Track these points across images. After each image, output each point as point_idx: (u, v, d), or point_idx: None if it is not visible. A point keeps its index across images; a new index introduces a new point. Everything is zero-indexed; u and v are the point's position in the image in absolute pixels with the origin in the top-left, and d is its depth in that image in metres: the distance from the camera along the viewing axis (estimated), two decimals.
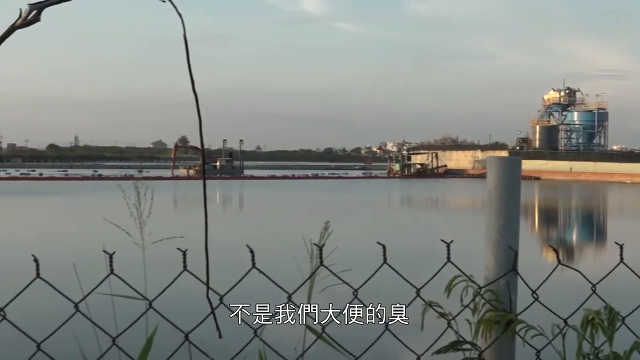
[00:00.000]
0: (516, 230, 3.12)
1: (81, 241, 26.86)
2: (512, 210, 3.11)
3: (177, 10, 2.87)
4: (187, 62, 2.81)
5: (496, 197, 3.11)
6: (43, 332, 2.52)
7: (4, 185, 78.78)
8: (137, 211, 4.00)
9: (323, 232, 3.33)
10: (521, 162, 3.23)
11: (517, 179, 3.16)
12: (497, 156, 3.25)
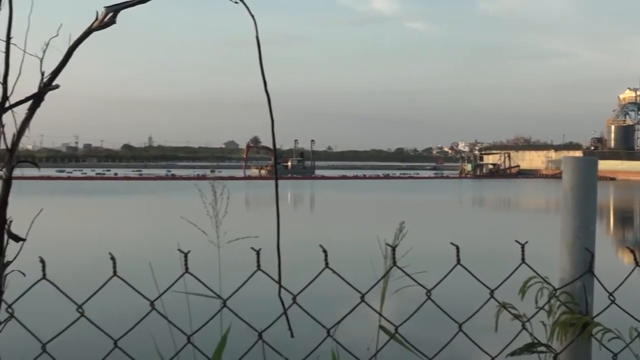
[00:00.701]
0: (592, 231, 3.07)
1: (157, 240, 27.24)
2: (588, 211, 3.06)
3: (249, 11, 2.90)
4: (259, 63, 2.83)
5: (572, 197, 3.07)
6: (120, 330, 2.56)
7: (80, 185, 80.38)
8: (214, 210, 4.04)
9: (397, 232, 3.32)
10: (597, 162, 3.17)
11: (593, 179, 3.11)
12: (573, 156, 3.20)
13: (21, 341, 2.99)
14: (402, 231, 3.32)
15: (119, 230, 33.35)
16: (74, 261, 20.17)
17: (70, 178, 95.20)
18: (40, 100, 3.40)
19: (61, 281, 2.44)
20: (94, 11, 3.52)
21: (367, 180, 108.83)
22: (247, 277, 2.74)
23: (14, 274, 3.24)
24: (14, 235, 3.30)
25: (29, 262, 3.15)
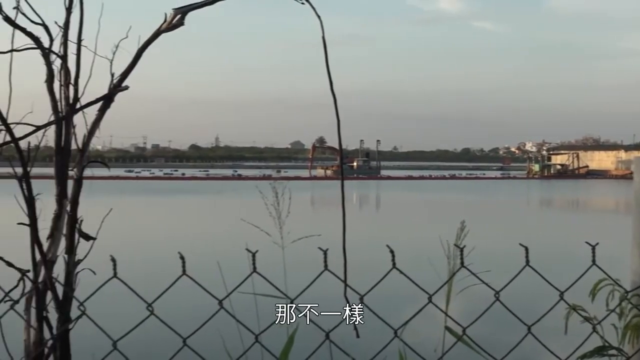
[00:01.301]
0: None
1: (224, 240, 27.43)
2: None
3: (316, 12, 2.90)
4: (325, 64, 2.83)
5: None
6: (189, 328, 2.59)
7: (148, 185, 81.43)
8: (276, 211, 4.05)
9: (459, 232, 3.30)
10: None
11: None
12: None
13: (92, 339, 3.04)
14: (464, 230, 3.30)
15: (187, 230, 33.65)
16: (143, 260, 20.38)
17: (138, 178, 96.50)
18: (110, 101, 3.45)
19: (131, 280, 2.47)
20: (162, 13, 3.56)
21: (432, 181, 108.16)
22: (313, 277, 2.74)
23: (84, 272, 3.30)
24: (84, 234, 3.35)
25: (100, 260, 3.20)
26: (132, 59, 3.47)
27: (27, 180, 3.12)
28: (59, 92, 3.37)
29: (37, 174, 3.20)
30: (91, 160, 3.49)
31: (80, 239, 3.35)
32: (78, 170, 3.40)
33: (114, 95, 3.44)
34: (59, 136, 3.35)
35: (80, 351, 3.41)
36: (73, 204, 3.35)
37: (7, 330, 2.88)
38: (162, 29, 3.53)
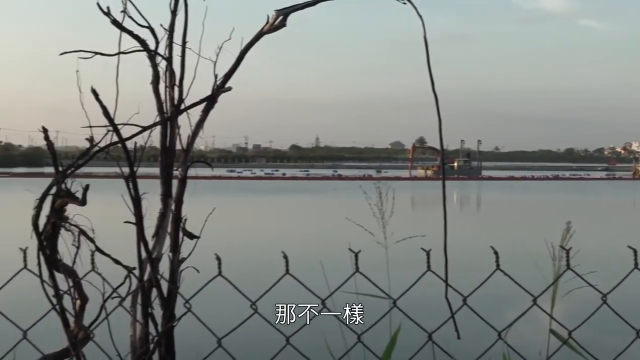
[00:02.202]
0: None
1: (326, 239, 27.50)
2: None
3: (417, 11, 2.88)
4: (427, 63, 2.81)
5: None
6: (291, 327, 2.60)
7: (250, 185, 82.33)
8: (380, 211, 4.03)
9: (564, 233, 3.22)
10: None
11: None
12: None
13: (196, 336, 3.09)
14: (569, 232, 3.22)
15: (290, 229, 33.89)
16: (246, 259, 20.58)
17: (240, 178, 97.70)
18: (213, 102, 3.50)
19: (235, 278, 2.50)
20: (265, 15, 3.59)
21: (535, 181, 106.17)
22: (415, 277, 2.72)
23: (188, 270, 3.35)
24: (188, 233, 3.41)
25: (203, 259, 3.25)
26: (235, 60, 3.51)
27: (134, 180, 3.19)
28: (164, 94, 3.43)
29: (143, 173, 3.27)
30: (195, 160, 3.54)
31: (185, 238, 3.41)
32: (182, 170, 3.45)
33: (217, 96, 3.49)
34: (164, 137, 3.42)
35: (185, 348, 3.47)
36: (177, 203, 3.41)
37: (114, 326, 2.95)
38: (264, 31, 3.56)
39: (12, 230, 16.23)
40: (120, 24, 3.30)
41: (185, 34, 3.45)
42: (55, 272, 3.13)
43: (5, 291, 2.62)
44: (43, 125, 3.18)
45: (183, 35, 3.44)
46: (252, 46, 3.53)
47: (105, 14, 3.28)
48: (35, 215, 3.10)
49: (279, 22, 3.56)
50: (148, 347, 3.17)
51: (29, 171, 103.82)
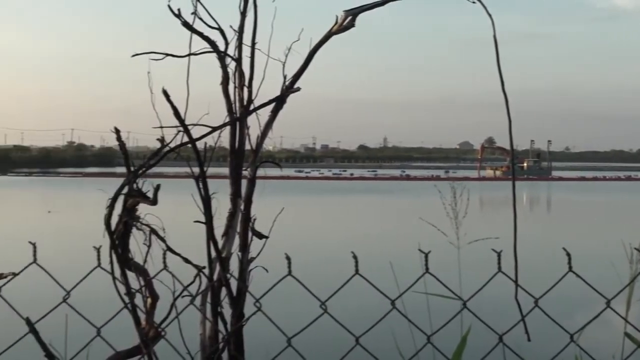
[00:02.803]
0: None
1: (396, 240, 27.43)
2: None
3: (487, 11, 2.85)
4: (497, 63, 2.78)
5: None
6: (361, 327, 2.59)
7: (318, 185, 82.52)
8: (453, 211, 4.00)
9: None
10: None
11: None
12: None
13: (266, 335, 3.10)
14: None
15: (358, 229, 33.85)
16: (315, 259, 20.62)
17: (308, 178, 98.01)
18: (282, 102, 3.51)
19: (304, 278, 2.50)
20: (333, 15, 3.59)
21: (607, 182, 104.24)
22: (486, 278, 2.70)
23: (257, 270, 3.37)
24: (257, 233, 3.42)
25: (272, 258, 3.26)
26: (304, 60, 3.52)
27: (204, 180, 3.21)
28: (233, 94, 3.45)
29: (213, 173, 3.29)
30: (264, 161, 3.55)
31: (254, 237, 3.43)
32: (251, 170, 3.47)
33: (286, 96, 3.50)
34: (233, 137, 3.44)
35: (254, 347, 3.49)
36: (247, 202, 3.43)
37: (184, 324, 2.98)
38: (332, 31, 3.56)
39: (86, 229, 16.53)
40: (191, 25, 3.34)
41: (254, 34, 3.47)
42: (126, 270, 3.17)
43: (80, 289, 2.67)
44: (115, 126, 3.23)
45: (252, 36, 3.46)
46: (320, 46, 3.53)
47: (176, 16, 3.32)
48: (107, 215, 3.15)
49: (348, 23, 3.56)
50: (217, 346, 3.19)
51: (101, 171, 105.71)
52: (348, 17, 3.55)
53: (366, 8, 3.58)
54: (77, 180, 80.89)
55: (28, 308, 2.63)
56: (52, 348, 2.84)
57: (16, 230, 27.19)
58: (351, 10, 3.55)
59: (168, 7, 3.28)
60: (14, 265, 3.04)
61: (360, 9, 3.56)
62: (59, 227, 30.36)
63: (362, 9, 3.56)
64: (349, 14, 3.55)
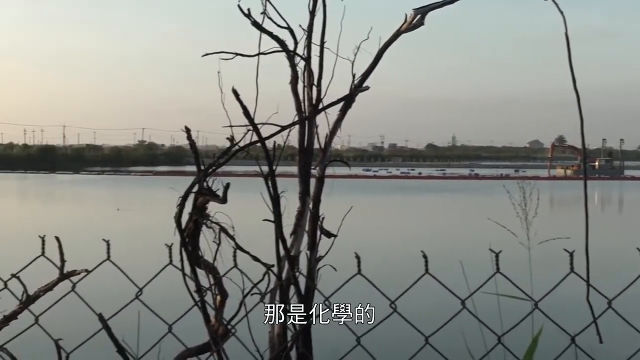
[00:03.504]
0: None
1: (465, 239, 27.18)
2: None
3: (558, 8, 2.80)
4: (568, 60, 2.74)
5: None
6: (431, 326, 2.58)
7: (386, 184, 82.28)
8: (523, 211, 3.95)
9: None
10: None
11: None
12: None
13: (335, 333, 3.10)
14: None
15: (427, 228, 33.64)
16: (384, 258, 20.53)
17: (376, 177, 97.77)
18: (351, 101, 3.51)
19: (373, 277, 2.50)
20: (402, 14, 3.58)
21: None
22: (558, 279, 2.66)
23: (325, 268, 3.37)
24: (326, 231, 3.43)
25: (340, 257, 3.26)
26: (373, 59, 3.51)
27: (273, 179, 3.23)
28: (302, 93, 3.46)
29: (282, 172, 3.30)
30: (332, 159, 3.56)
31: (322, 236, 3.43)
32: (320, 168, 3.48)
33: (355, 95, 3.50)
34: (302, 136, 3.45)
35: (322, 345, 3.49)
36: (315, 201, 3.43)
37: (252, 322, 2.99)
38: (402, 30, 3.54)
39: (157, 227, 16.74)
40: (260, 25, 3.35)
41: (323, 34, 3.47)
42: (196, 268, 3.21)
43: (152, 286, 2.71)
44: (186, 125, 3.27)
45: (321, 35, 3.47)
46: (389, 45, 3.52)
47: (246, 16, 3.34)
48: (178, 213, 3.19)
49: (417, 21, 3.54)
50: (286, 344, 3.21)
51: (171, 170, 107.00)
52: (417, 15, 3.53)
53: (436, 6, 3.56)
54: (147, 178, 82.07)
55: (101, 304, 2.68)
56: (125, 344, 2.88)
57: (88, 227, 27.70)
58: (421, 8, 3.53)
59: (238, 7, 3.31)
60: (87, 262, 3.10)
61: (429, 7, 3.54)
62: (129, 225, 30.84)
63: (432, 7, 3.54)
64: (418, 12, 3.53)
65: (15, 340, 2.95)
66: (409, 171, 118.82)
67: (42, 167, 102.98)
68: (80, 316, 2.87)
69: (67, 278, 3.09)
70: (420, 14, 3.54)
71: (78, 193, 57.90)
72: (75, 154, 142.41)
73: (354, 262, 2.50)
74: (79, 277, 2.92)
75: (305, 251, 3.38)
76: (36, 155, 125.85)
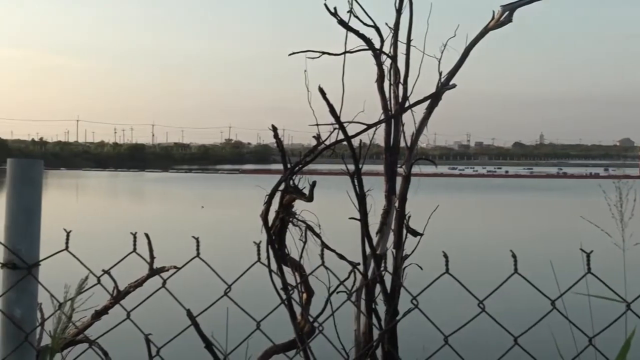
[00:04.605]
0: None
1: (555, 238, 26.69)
2: None
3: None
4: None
5: None
6: (519, 327, 2.54)
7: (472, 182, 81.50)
8: (619, 212, 3.86)
9: None
10: None
11: None
12: None
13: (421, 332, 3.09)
14: None
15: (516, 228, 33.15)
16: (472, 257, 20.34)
17: (462, 175, 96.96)
18: (438, 99, 3.49)
19: (461, 276, 2.47)
20: (490, 11, 3.54)
21: None
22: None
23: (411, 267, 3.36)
24: (412, 230, 3.42)
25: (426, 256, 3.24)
26: (460, 57, 3.49)
27: (359, 177, 3.23)
28: (388, 92, 3.46)
29: (367, 170, 3.30)
30: (419, 158, 3.54)
31: (408, 235, 3.42)
32: (406, 167, 3.47)
33: (441, 93, 3.47)
34: (388, 134, 3.44)
35: (408, 344, 3.48)
36: (401, 200, 3.42)
37: (337, 320, 3.00)
38: (489, 27, 3.51)
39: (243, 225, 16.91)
40: (347, 23, 3.36)
41: (410, 31, 3.46)
42: (283, 265, 3.23)
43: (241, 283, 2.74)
44: (273, 124, 3.30)
45: (408, 33, 3.46)
46: (477, 42, 3.49)
47: (333, 15, 3.35)
48: (265, 211, 3.22)
49: (505, 18, 3.50)
50: (372, 342, 3.20)
51: (257, 168, 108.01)
52: (505, 12, 3.49)
53: (524, 3, 3.52)
54: (234, 176, 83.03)
55: (191, 300, 2.72)
56: (214, 340, 2.92)
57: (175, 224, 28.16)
58: (509, 4, 3.49)
59: (324, 5, 3.32)
60: (176, 258, 3.15)
61: (518, 4, 3.49)
62: (216, 222, 31.23)
63: (520, 4, 3.50)
64: (506, 9, 3.49)
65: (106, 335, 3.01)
66: (495, 169, 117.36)
67: (131, 165, 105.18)
68: (171, 312, 2.93)
69: (157, 274, 3.15)
70: (508, 11, 3.50)
71: (166, 191, 58.94)
72: (163, 152, 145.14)
73: (440, 261, 2.48)
74: (169, 274, 2.97)
75: (391, 250, 3.38)
76: (126, 153, 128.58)
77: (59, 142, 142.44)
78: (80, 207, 42.13)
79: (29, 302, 2.55)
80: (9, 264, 2.46)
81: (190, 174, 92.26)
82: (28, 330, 2.52)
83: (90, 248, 6.05)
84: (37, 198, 2.55)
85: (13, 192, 2.52)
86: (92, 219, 31.54)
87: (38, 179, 2.56)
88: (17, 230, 2.51)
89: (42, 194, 2.62)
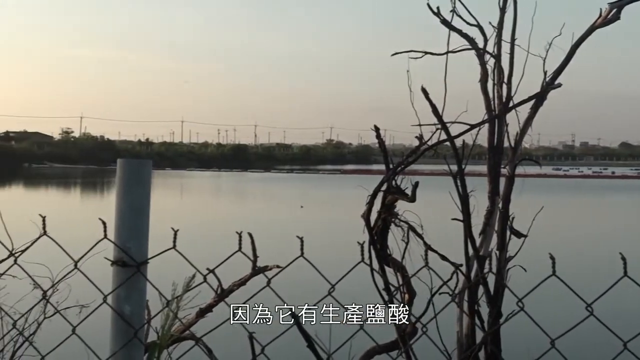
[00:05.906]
0: None
1: None
2: None
3: None
4: None
5: None
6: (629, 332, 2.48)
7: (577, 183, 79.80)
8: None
9: None
10: None
11: None
12: None
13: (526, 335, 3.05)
14: None
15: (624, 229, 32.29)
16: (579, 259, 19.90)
17: (566, 176, 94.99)
18: (542, 99, 3.44)
19: (569, 279, 2.43)
20: (597, 8, 3.48)
21: None
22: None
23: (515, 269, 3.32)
24: (516, 231, 3.38)
25: (531, 258, 3.20)
26: (566, 56, 3.43)
27: (462, 177, 3.21)
28: (492, 91, 3.43)
29: (470, 171, 3.28)
30: (523, 158, 3.50)
31: (512, 236, 3.39)
32: (510, 167, 3.43)
33: (547, 93, 3.43)
34: (491, 134, 3.42)
35: (512, 346, 3.44)
36: (505, 201, 3.39)
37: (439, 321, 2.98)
38: (596, 25, 3.44)
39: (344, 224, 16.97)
40: (450, 23, 3.35)
41: (514, 30, 3.43)
42: (385, 266, 3.23)
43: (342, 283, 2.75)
44: (375, 125, 3.31)
45: (512, 32, 3.42)
46: (583, 41, 3.43)
47: (435, 14, 3.34)
48: (367, 211, 3.23)
49: (613, 15, 3.43)
50: (476, 345, 3.18)
51: (358, 168, 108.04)
52: (613, 9, 3.42)
53: (632, 0, 3.44)
54: (335, 177, 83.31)
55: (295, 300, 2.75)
56: (318, 339, 2.94)
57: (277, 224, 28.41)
58: (617, 2, 3.42)
59: (427, 5, 3.32)
60: (280, 258, 3.18)
61: (626, 1, 3.42)
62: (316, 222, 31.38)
63: (629, 1, 3.42)
64: (614, 6, 3.42)
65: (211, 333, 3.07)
66: (601, 170, 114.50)
67: (234, 165, 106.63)
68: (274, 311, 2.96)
69: (260, 273, 3.19)
70: (616, 8, 3.42)
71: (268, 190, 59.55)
72: (265, 153, 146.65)
73: (545, 262, 2.44)
74: (273, 273, 3.00)
75: (494, 251, 3.35)
76: (229, 153, 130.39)
77: (164, 143, 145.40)
78: (185, 206, 42.94)
79: (137, 299, 2.61)
80: (119, 262, 2.52)
81: (292, 174, 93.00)
82: (137, 326, 2.58)
83: (195, 246, 6.17)
84: (146, 197, 2.60)
85: (123, 192, 2.58)
86: (196, 218, 32.09)
87: (147, 179, 2.62)
88: (127, 229, 2.57)
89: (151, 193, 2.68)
